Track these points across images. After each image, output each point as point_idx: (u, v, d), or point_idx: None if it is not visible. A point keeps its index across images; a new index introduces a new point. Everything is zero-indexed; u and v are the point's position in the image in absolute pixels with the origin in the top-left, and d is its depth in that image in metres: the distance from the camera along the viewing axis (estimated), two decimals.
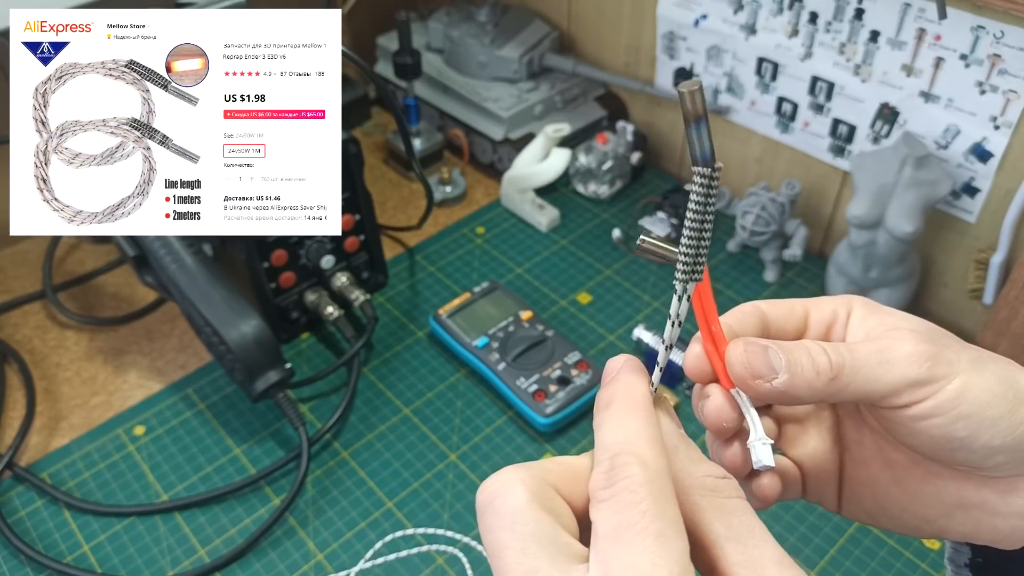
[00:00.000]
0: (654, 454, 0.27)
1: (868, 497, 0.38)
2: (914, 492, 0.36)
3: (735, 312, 0.35)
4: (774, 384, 0.32)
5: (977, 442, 0.31)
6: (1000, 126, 0.74)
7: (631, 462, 0.27)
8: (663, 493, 0.26)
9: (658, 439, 0.28)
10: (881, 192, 0.77)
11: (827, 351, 0.32)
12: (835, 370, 0.32)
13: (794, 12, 0.84)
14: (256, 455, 0.75)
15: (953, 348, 0.32)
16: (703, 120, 0.28)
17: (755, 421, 0.33)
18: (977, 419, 0.31)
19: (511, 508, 0.26)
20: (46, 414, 0.79)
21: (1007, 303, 0.80)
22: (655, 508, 0.25)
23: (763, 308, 0.35)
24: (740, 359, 0.32)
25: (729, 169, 1.01)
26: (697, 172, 0.28)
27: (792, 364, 0.32)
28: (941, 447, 0.32)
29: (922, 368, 0.31)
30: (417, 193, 1.05)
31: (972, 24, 0.72)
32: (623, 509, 0.26)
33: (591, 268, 0.93)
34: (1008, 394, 0.31)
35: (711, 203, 0.29)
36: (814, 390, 0.32)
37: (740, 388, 0.33)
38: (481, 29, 1.06)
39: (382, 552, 0.67)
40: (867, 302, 0.35)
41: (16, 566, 0.67)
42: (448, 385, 0.81)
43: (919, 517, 0.36)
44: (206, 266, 0.73)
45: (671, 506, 0.26)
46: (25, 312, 0.89)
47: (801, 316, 0.36)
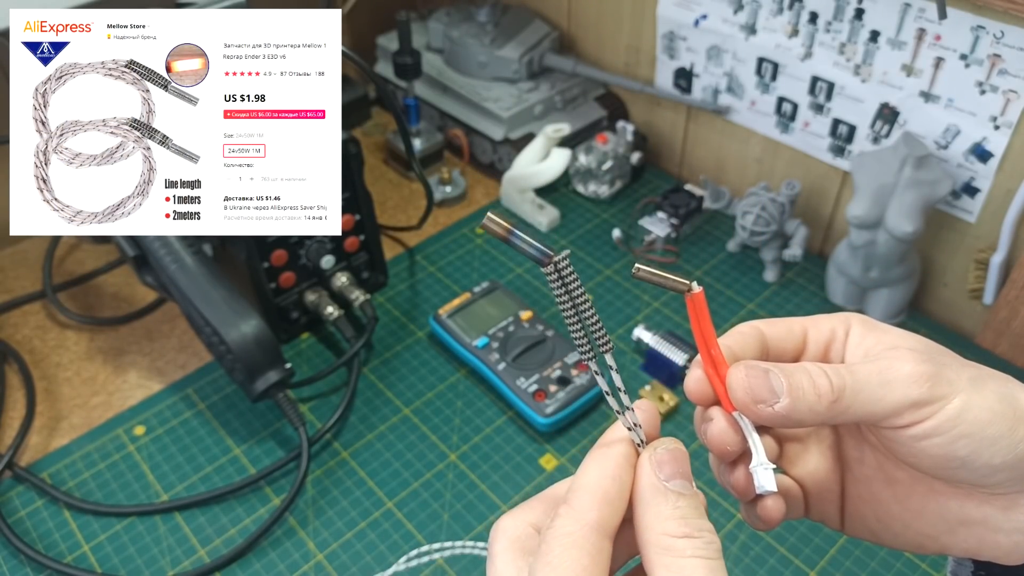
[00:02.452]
0: (590, 508, 0.30)
1: (870, 515, 0.38)
2: (916, 510, 0.36)
3: (734, 334, 0.35)
4: (776, 408, 0.32)
5: (978, 460, 0.31)
6: (1000, 126, 0.74)
7: (562, 513, 0.30)
8: (579, 546, 0.29)
9: (608, 491, 0.30)
10: (881, 192, 0.77)
11: (828, 373, 0.32)
12: (836, 393, 0.32)
13: (794, 12, 0.84)
14: (256, 455, 0.75)
15: (952, 367, 0.32)
16: (512, 234, 0.29)
17: (757, 445, 0.34)
18: (978, 438, 0.31)
19: (493, 554, 0.31)
20: (46, 414, 0.79)
21: (1007, 303, 0.80)
22: (559, 560, 0.28)
23: (762, 328, 0.36)
24: (741, 383, 0.32)
25: (729, 169, 1.01)
26: (544, 272, 0.30)
27: (793, 388, 0.32)
28: (942, 466, 0.32)
29: (923, 388, 0.31)
30: (417, 193, 1.05)
31: (972, 24, 0.72)
32: (540, 556, 0.29)
33: (591, 268, 0.93)
34: (1008, 412, 0.31)
35: (572, 288, 0.30)
36: (816, 413, 0.32)
37: (742, 412, 0.33)
38: (481, 29, 1.06)
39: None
40: (865, 320, 0.35)
41: (16, 566, 0.67)
42: (448, 385, 0.81)
43: (922, 534, 0.36)
44: (206, 266, 0.73)
45: (581, 558, 0.29)
46: (25, 312, 0.89)
47: (799, 335, 0.36)
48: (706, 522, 0.30)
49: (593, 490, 0.30)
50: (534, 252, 0.30)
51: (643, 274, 0.32)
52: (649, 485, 0.31)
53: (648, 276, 0.32)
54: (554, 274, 0.30)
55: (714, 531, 0.30)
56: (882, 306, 0.84)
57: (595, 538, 0.29)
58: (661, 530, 0.29)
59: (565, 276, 0.30)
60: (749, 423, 0.34)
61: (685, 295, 0.33)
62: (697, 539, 0.29)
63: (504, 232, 0.29)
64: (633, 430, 0.32)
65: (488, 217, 0.29)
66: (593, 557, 0.29)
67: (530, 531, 0.32)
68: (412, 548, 0.68)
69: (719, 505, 0.70)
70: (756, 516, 0.35)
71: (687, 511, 0.30)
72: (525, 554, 0.31)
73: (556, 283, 0.30)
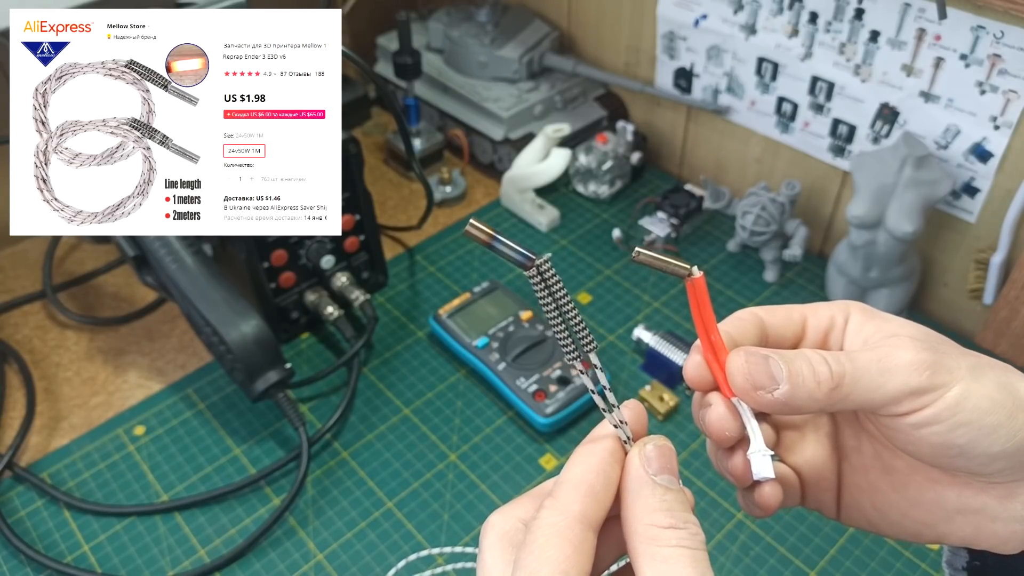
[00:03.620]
0: (574, 500, 0.30)
1: (867, 503, 0.38)
2: (914, 498, 0.36)
3: (733, 320, 0.35)
4: (775, 395, 0.32)
5: (976, 449, 0.32)
6: (1000, 126, 0.74)
7: (546, 506, 0.30)
8: (562, 535, 0.29)
9: (592, 485, 0.31)
10: (881, 192, 0.77)
11: (828, 360, 0.32)
12: (836, 380, 0.32)
13: (794, 12, 0.84)
14: (256, 455, 0.75)
15: (952, 355, 0.32)
16: (496, 239, 0.30)
17: (755, 431, 0.34)
18: (976, 426, 0.31)
19: (483, 548, 0.32)
20: (46, 414, 0.79)
21: (1007, 303, 0.80)
22: (540, 549, 0.29)
23: (761, 315, 0.36)
24: (741, 369, 0.33)
25: (729, 169, 1.01)
26: (527, 276, 0.30)
27: (793, 375, 0.32)
28: (940, 454, 0.32)
29: (922, 377, 0.31)
30: (417, 193, 1.05)
31: (972, 24, 0.72)
32: (524, 547, 0.30)
33: (591, 268, 0.93)
34: (1007, 401, 0.31)
35: (555, 291, 0.31)
36: (815, 400, 0.32)
37: (741, 398, 0.33)
38: (481, 29, 1.06)
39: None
40: (864, 308, 0.35)
41: (16, 566, 0.67)
42: (448, 385, 0.81)
43: (919, 523, 0.36)
44: (206, 266, 0.73)
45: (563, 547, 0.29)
46: (25, 312, 0.89)
47: (799, 323, 0.36)
48: (691, 515, 0.30)
49: (577, 483, 0.31)
50: (517, 256, 0.30)
51: (643, 258, 0.32)
52: (637, 477, 0.31)
53: (648, 260, 0.32)
54: (537, 277, 0.30)
55: (699, 525, 0.30)
56: (882, 306, 0.84)
57: (578, 529, 0.30)
58: (648, 521, 0.30)
59: (548, 279, 0.30)
60: (748, 409, 0.34)
61: (685, 280, 0.33)
62: (682, 530, 0.29)
63: (487, 238, 0.29)
64: (619, 427, 0.32)
65: (471, 224, 0.29)
66: (576, 547, 0.29)
67: (519, 526, 0.32)
68: (412, 548, 0.68)
69: (719, 505, 0.70)
70: (753, 503, 0.35)
71: (673, 504, 0.30)
72: (513, 548, 0.31)
73: (539, 286, 0.31)
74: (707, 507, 0.70)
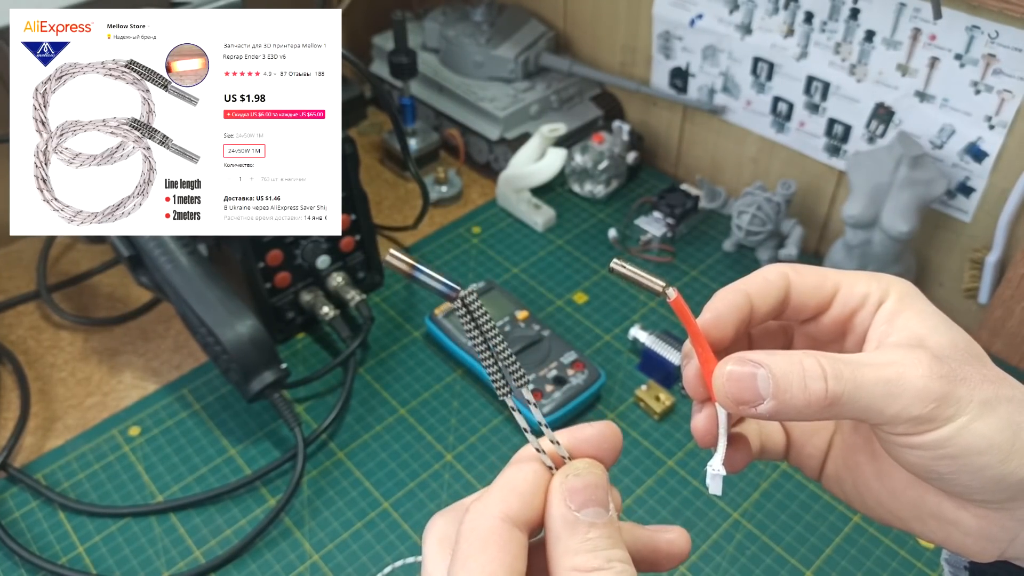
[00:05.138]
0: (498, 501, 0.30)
1: (848, 480, 0.38)
2: (894, 491, 0.35)
3: (758, 278, 0.34)
4: (759, 410, 0.31)
5: (957, 480, 0.31)
6: (995, 126, 0.75)
7: (471, 509, 0.30)
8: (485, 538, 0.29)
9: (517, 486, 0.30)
10: (876, 192, 0.78)
11: (827, 377, 0.31)
12: (830, 399, 0.30)
13: (790, 12, 0.84)
14: (252, 456, 0.75)
15: (970, 383, 0.31)
16: (416, 269, 0.29)
17: (721, 447, 0.34)
18: (962, 462, 0.30)
19: (424, 554, 0.32)
20: (41, 415, 0.78)
21: (1002, 302, 0.80)
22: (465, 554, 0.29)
23: (791, 277, 0.35)
24: (722, 388, 0.32)
25: (725, 169, 1.01)
26: (453, 307, 0.30)
27: (781, 391, 0.31)
28: (920, 472, 0.32)
29: (926, 408, 0.30)
30: (413, 193, 1.05)
31: (967, 24, 0.72)
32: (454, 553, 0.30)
33: (587, 268, 0.93)
34: (1005, 445, 0.30)
35: (481, 323, 0.30)
36: (804, 415, 0.31)
37: (726, 409, 0.34)
38: (477, 29, 1.06)
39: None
40: (905, 293, 0.34)
41: (11, 568, 0.67)
42: (444, 385, 0.81)
43: (892, 514, 0.36)
44: (201, 266, 0.73)
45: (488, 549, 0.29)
46: (19, 312, 0.89)
47: (829, 293, 0.35)
48: (619, 551, 0.29)
49: (502, 486, 0.30)
50: (440, 287, 0.29)
51: (620, 271, 0.32)
52: (559, 516, 0.30)
53: (624, 273, 0.32)
54: (462, 309, 0.30)
55: (628, 559, 0.29)
56: None
57: (503, 528, 0.29)
58: (570, 565, 0.29)
59: (473, 311, 0.30)
60: (725, 422, 0.34)
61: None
62: (607, 571, 0.28)
63: (408, 268, 0.29)
64: (541, 454, 0.31)
65: (390, 254, 0.29)
66: (501, 547, 0.29)
67: (453, 530, 0.32)
68: (408, 548, 0.68)
69: (715, 505, 0.70)
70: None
71: (598, 542, 0.29)
72: (452, 551, 0.31)
73: (465, 318, 0.30)
74: (703, 507, 0.70)
